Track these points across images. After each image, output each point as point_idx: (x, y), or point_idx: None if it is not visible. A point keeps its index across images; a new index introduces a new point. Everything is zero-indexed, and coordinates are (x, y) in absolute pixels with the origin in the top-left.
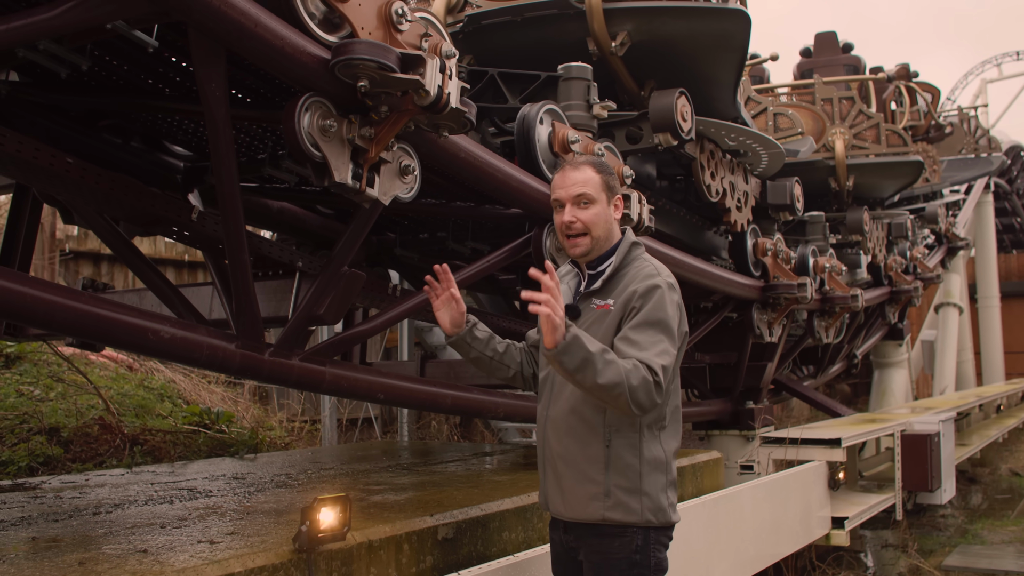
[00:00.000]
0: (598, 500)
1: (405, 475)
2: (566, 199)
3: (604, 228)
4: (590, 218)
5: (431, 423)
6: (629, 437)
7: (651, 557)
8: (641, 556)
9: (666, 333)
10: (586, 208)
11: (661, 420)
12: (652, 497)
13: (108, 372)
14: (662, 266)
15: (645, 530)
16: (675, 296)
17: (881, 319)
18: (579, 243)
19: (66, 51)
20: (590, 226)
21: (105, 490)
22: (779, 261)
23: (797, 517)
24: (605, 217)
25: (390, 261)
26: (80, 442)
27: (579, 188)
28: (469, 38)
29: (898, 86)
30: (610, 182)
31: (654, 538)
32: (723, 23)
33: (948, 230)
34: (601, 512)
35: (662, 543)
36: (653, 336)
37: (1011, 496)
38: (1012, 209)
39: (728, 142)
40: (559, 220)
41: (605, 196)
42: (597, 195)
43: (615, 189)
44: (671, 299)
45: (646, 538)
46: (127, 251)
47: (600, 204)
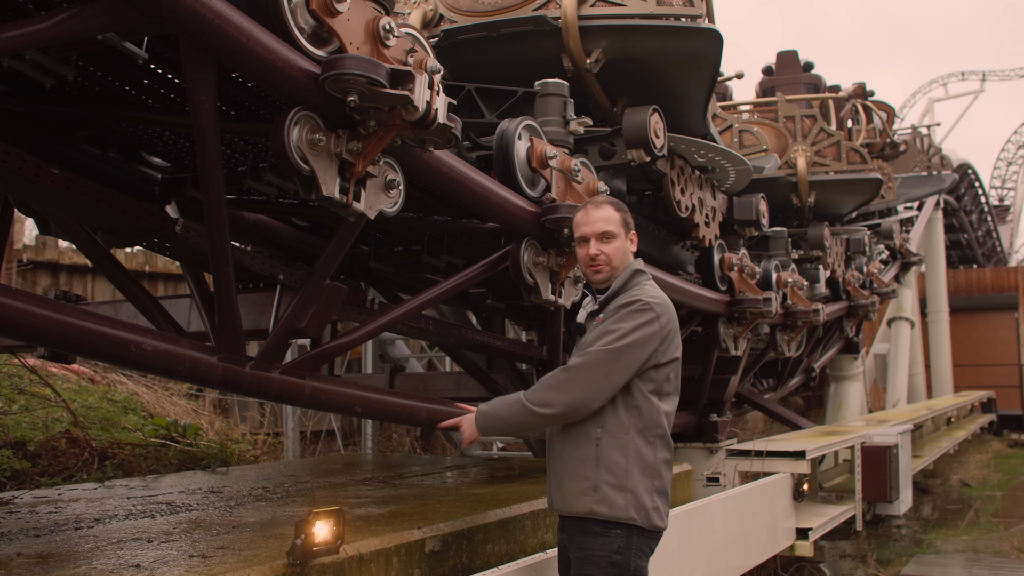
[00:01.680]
0: (587, 495)
1: (383, 488)
2: (591, 235)
3: (622, 259)
4: (612, 252)
5: (392, 435)
6: (619, 438)
7: (632, 561)
8: (622, 557)
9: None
10: (608, 243)
11: (654, 427)
12: (637, 495)
13: (70, 384)
14: (659, 294)
15: (628, 533)
16: (646, 316)
17: (839, 333)
18: (602, 270)
19: (52, 61)
20: (612, 257)
21: (81, 505)
22: (745, 276)
23: (764, 528)
24: (624, 250)
25: (364, 274)
26: (48, 456)
27: (603, 225)
28: (444, 53)
29: (855, 104)
30: (627, 219)
31: (636, 543)
32: (695, 42)
33: (902, 246)
34: (589, 505)
35: (643, 551)
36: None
37: (961, 506)
38: (960, 226)
39: (697, 158)
40: (584, 253)
41: (623, 231)
42: (618, 231)
43: (630, 225)
44: (640, 318)
45: (628, 541)
46: (106, 262)
47: (620, 239)
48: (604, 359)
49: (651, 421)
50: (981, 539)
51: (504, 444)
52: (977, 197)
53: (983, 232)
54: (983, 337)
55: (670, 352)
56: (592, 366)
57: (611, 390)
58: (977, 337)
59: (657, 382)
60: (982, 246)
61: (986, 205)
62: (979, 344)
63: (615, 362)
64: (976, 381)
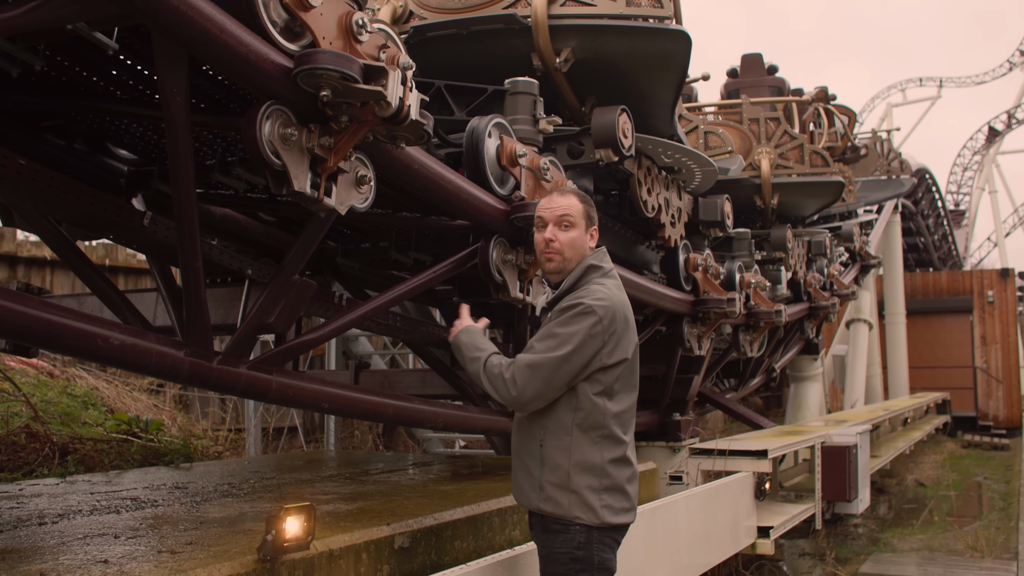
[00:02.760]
0: (535, 492)
1: (350, 485)
2: (550, 219)
3: (577, 251)
4: (568, 240)
5: (355, 432)
6: (561, 440)
7: (595, 555)
8: (584, 553)
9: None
10: (566, 231)
11: (599, 428)
12: (580, 495)
13: (29, 379)
14: (610, 294)
15: (588, 528)
16: (588, 320)
17: (799, 334)
18: (553, 259)
19: (20, 50)
20: (565, 247)
21: (43, 500)
22: (709, 276)
23: (727, 526)
24: (580, 243)
25: (331, 270)
26: (7, 451)
27: (563, 211)
28: (414, 49)
29: (817, 108)
30: (591, 213)
31: (597, 537)
32: (664, 43)
33: (862, 248)
34: (536, 503)
35: (606, 543)
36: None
37: (916, 505)
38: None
39: (664, 159)
40: (540, 237)
41: (584, 224)
42: (578, 221)
43: (593, 220)
44: (580, 322)
45: (589, 536)
46: (72, 255)
47: (579, 229)
48: (546, 365)
49: (595, 422)
50: (936, 538)
51: (466, 442)
52: (934, 201)
53: (939, 236)
54: (938, 339)
55: (617, 354)
56: (535, 371)
57: (553, 393)
58: (932, 339)
59: (605, 384)
60: (938, 250)
61: (943, 210)
62: (934, 346)
63: (557, 369)
64: (931, 383)
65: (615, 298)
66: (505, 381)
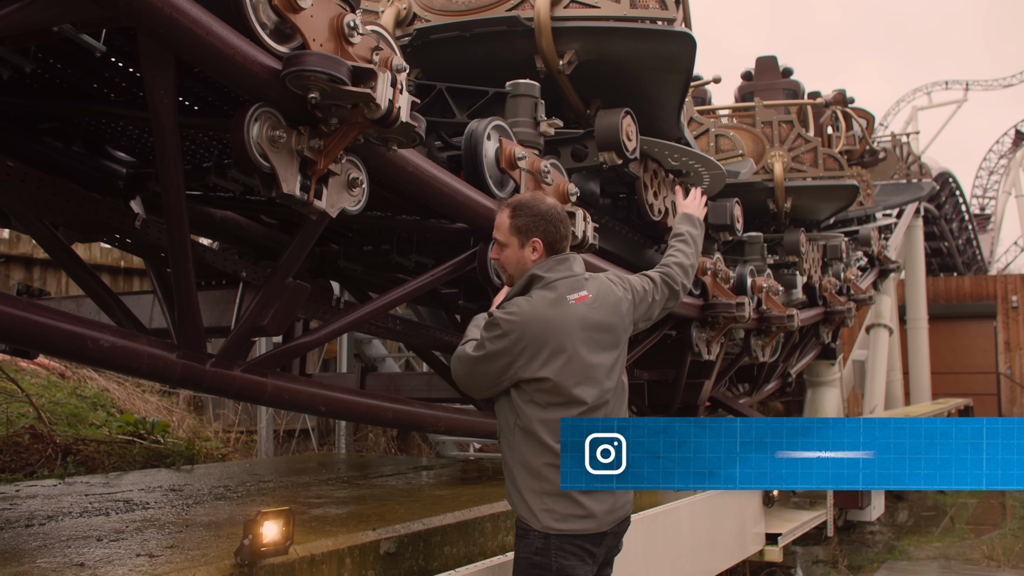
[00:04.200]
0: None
1: (345, 488)
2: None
3: (515, 267)
4: (503, 259)
5: (368, 435)
6: (508, 439)
7: (553, 562)
8: (541, 559)
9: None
10: (502, 250)
11: (533, 432)
12: (524, 496)
13: (39, 380)
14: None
15: (545, 535)
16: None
17: (815, 339)
18: (502, 275)
19: (9, 52)
20: (504, 265)
21: (37, 501)
22: (718, 280)
23: (732, 533)
24: (516, 259)
25: (333, 273)
26: (9, 451)
27: (494, 232)
28: (417, 52)
29: (835, 111)
30: (521, 225)
31: (556, 543)
32: (669, 45)
33: (880, 253)
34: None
35: (567, 551)
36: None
37: (936, 513)
38: (940, 234)
39: (671, 162)
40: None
41: (516, 239)
42: (506, 239)
43: (529, 231)
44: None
45: (547, 543)
46: (66, 257)
47: (510, 248)
48: (468, 363)
49: (528, 427)
50: (953, 546)
51: (481, 445)
52: (958, 205)
53: (964, 240)
54: (961, 345)
55: (532, 370)
56: (460, 363)
57: (482, 390)
58: (956, 345)
59: (529, 393)
60: (962, 254)
61: (967, 214)
62: (957, 352)
63: (474, 369)
64: (954, 389)
65: (532, 313)
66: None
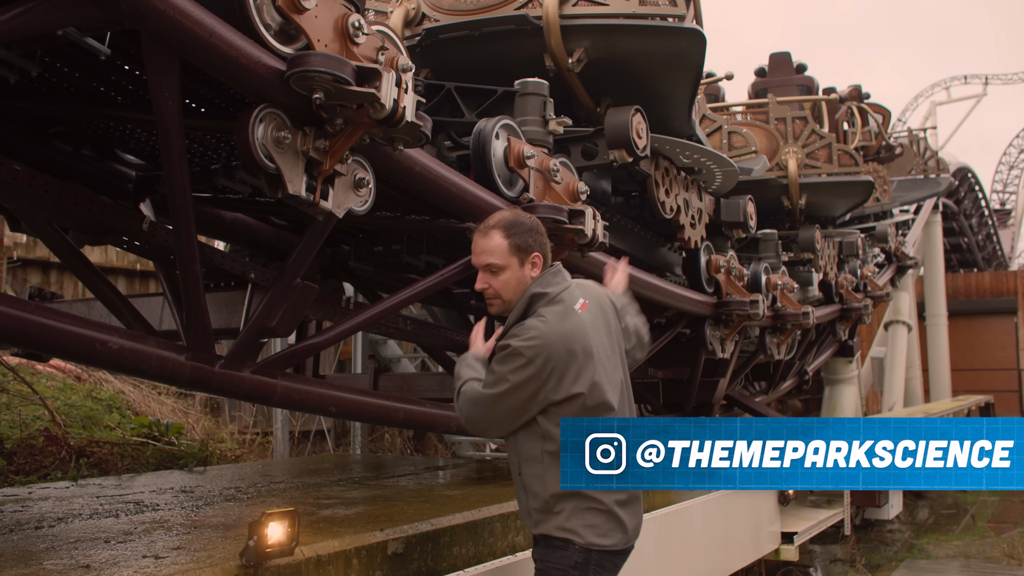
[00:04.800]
0: (526, 517)
1: (356, 489)
2: (478, 266)
3: (514, 290)
4: (500, 285)
5: (384, 436)
6: (534, 468)
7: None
8: (579, 572)
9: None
10: (496, 275)
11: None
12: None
13: (55, 382)
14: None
15: (587, 550)
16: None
17: (832, 336)
18: (493, 303)
19: (15, 57)
20: (500, 291)
21: (49, 503)
22: (732, 278)
23: (747, 532)
24: (516, 280)
25: (344, 273)
26: (24, 454)
27: (487, 258)
28: (426, 52)
29: (850, 107)
30: (520, 243)
31: (597, 559)
32: (678, 42)
33: (897, 249)
34: (530, 527)
35: (604, 567)
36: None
37: (956, 511)
38: (959, 229)
39: (683, 159)
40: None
41: (516, 259)
42: (505, 261)
43: (529, 248)
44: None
45: (587, 557)
46: (75, 260)
47: (510, 269)
48: (483, 401)
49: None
50: (973, 545)
51: (497, 445)
52: (977, 201)
53: (983, 236)
54: (982, 341)
55: (564, 389)
56: (475, 405)
57: (505, 425)
58: (976, 341)
59: (558, 415)
60: (982, 250)
61: (986, 209)
62: (977, 348)
63: (495, 407)
64: (974, 385)
65: (551, 333)
66: (458, 410)
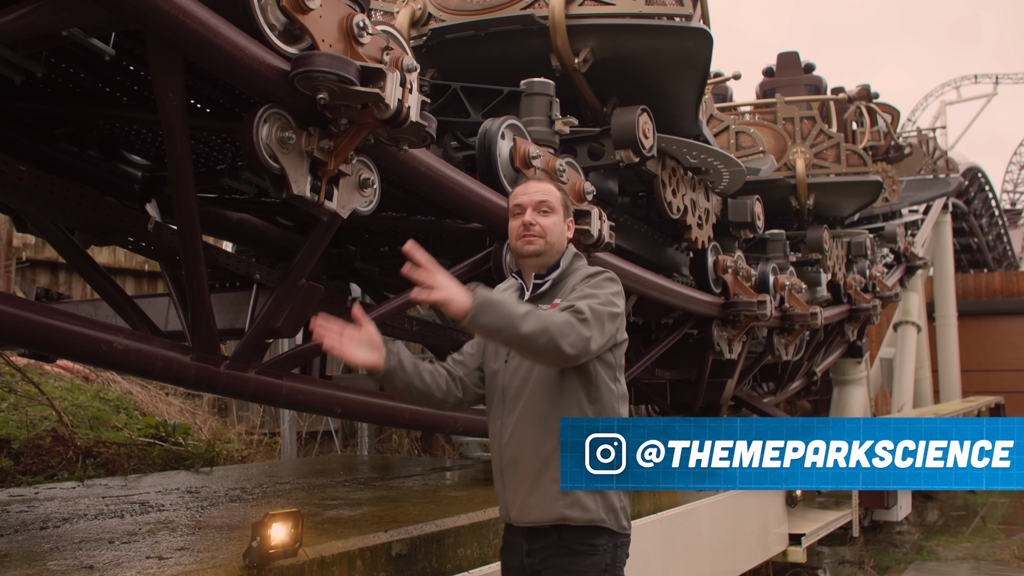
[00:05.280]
0: (558, 500)
1: (362, 490)
2: (528, 204)
3: (557, 237)
4: (548, 225)
5: (392, 437)
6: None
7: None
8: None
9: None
10: (546, 215)
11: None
12: (606, 496)
13: (63, 383)
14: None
15: (613, 546)
16: (617, 287)
17: (840, 337)
18: (534, 241)
19: (20, 57)
20: (547, 231)
21: (55, 504)
22: (739, 278)
23: (755, 534)
24: (560, 228)
25: (350, 274)
26: (31, 454)
27: (542, 196)
28: (432, 52)
29: (859, 107)
30: (567, 201)
31: (620, 555)
32: (685, 42)
33: (906, 249)
34: (561, 511)
35: (623, 560)
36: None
37: (966, 513)
38: (969, 229)
39: (690, 159)
40: (517, 224)
41: (562, 211)
42: (557, 207)
43: (570, 210)
44: (613, 286)
45: (615, 554)
46: (81, 261)
47: (558, 215)
48: (600, 315)
49: (612, 411)
50: (983, 546)
51: None
52: (987, 201)
53: (994, 236)
54: (992, 342)
55: (623, 331)
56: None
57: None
58: (986, 342)
59: (614, 366)
60: (993, 250)
61: (997, 209)
62: (988, 349)
63: (611, 323)
64: (985, 386)
65: None
66: (580, 321)
